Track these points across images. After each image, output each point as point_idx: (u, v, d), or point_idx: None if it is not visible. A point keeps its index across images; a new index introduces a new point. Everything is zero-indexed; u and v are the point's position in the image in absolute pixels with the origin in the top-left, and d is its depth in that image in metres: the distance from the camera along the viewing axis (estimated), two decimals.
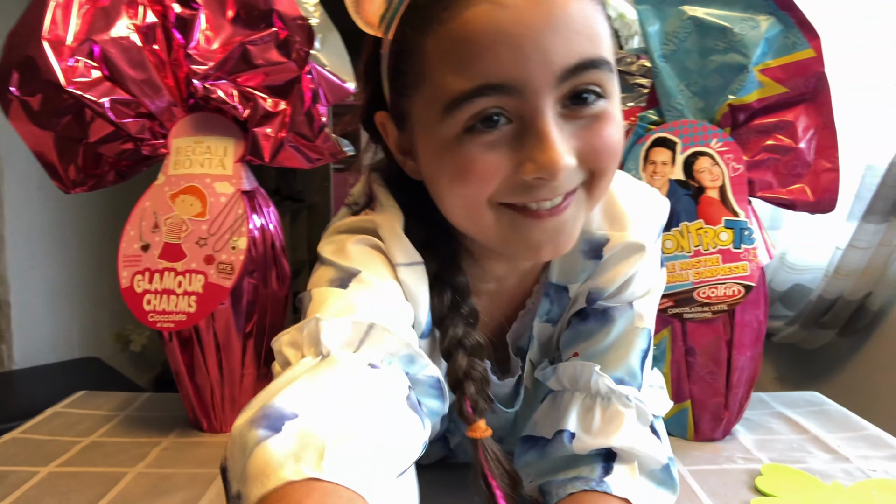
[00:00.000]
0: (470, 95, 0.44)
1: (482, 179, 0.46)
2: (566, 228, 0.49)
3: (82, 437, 0.78)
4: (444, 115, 0.45)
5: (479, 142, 0.45)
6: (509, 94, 0.44)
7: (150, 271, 0.74)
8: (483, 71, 0.43)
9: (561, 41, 0.43)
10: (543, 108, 0.44)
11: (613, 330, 0.57)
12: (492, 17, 0.42)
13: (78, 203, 2.36)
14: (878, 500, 0.61)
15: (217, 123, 0.78)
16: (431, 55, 0.45)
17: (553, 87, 0.44)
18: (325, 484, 0.33)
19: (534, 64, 0.43)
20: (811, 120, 0.72)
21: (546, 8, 0.43)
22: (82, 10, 0.73)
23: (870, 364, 1.55)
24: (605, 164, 0.48)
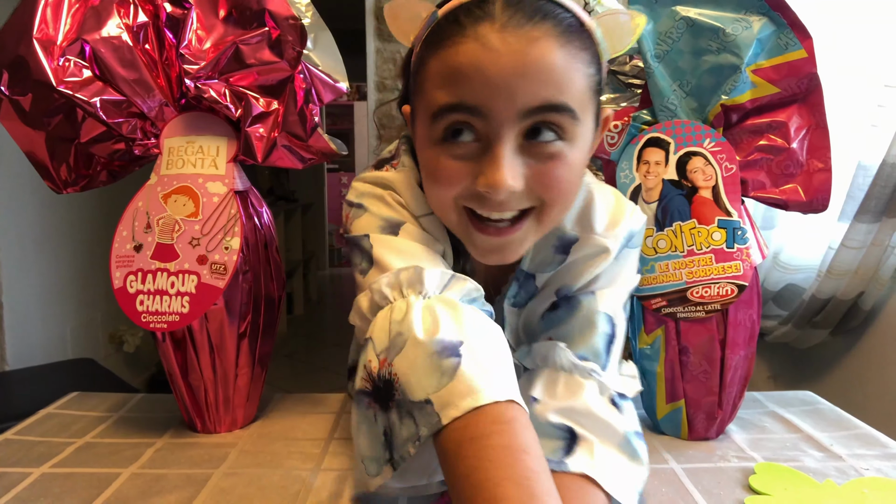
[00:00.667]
0: (448, 109, 0.53)
1: (448, 182, 0.56)
2: (511, 246, 0.58)
3: (76, 438, 0.78)
4: (431, 123, 0.55)
5: (449, 151, 0.55)
6: (477, 115, 0.53)
7: (143, 272, 0.74)
8: (461, 93, 0.52)
9: (528, 84, 0.51)
10: (503, 135, 0.53)
11: (580, 314, 0.64)
12: (476, 54, 0.52)
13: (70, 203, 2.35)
14: (870, 498, 0.61)
15: (209, 123, 0.78)
16: (431, 72, 0.55)
17: (515, 121, 0.52)
18: (515, 405, 0.48)
19: (501, 98, 0.52)
20: (803, 120, 0.72)
21: (521, 56, 0.51)
22: (73, 10, 0.73)
23: (862, 363, 1.56)
24: (552, 198, 0.56)
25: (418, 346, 0.49)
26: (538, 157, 0.54)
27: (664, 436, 0.78)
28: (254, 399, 0.83)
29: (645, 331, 0.77)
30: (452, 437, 0.47)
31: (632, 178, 0.76)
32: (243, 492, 0.64)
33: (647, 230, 0.75)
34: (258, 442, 0.77)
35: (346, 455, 0.73)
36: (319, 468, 0.70)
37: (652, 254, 0.75)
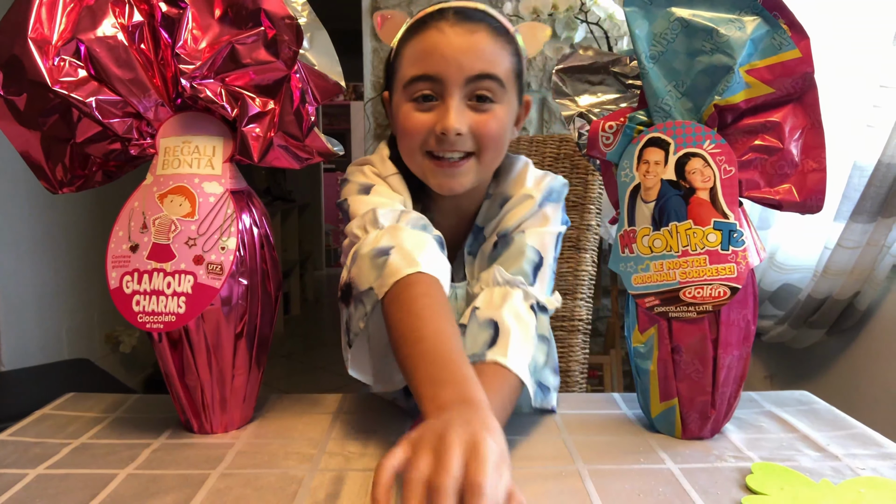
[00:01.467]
0: (416, 79, 0.79)
1: (415, 130, 0.80)
2: (459, 178, 0.82)
3: (71, 439, 0.78)
4: (403, 90, 0.81)
5: (417, 108, 0.80)
6: (435, 81, 0.78)
7: (139, 272, 0.74)
8: (425, 66, 0.79)
9: (469, 59, 0.78)
10: (453, 93, 0.78)
11: (512, 246, 0.84)
12: (435, 39, 0.78)
13: (66, 203, 2.35)
14: (866, 497, 0.62)
15: (205, 123, 0.78)
16: (404, 56, 0.81)
17: (461, 84, 0.78)
18: (423, 274, 0.70)
19: (451, 68, 0.77)
20: (798, 120, 0.72)
21: (465, 40, 0.78)
22: (68, 9, 0.72)
23: (858, 363, 1.57)
24: (486, 143, 0.80)
25: (363, 256, 0.73)
26: (477, 111, 0.80)
27: (660, 435, 0.78)
28: (251, 399, 0.83)
29: (639, 329, 0.77)
30: (386, 305, 0.69)
31: (632, 177, 0.76)
32: (240, 492, 0.64)
33: (644, 229, 0.75)
34: (255, 442, 0.77)
35: (342, 455, 0.73)
36: (316, 468, 0.70)
37: (647, 253, 0.75)
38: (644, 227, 0.75)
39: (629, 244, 0.77)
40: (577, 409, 0.87)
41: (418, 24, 0.80)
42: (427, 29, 0.79)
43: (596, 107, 0.85)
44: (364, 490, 0.64)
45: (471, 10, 0.80)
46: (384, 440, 0.77)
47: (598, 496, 0.63)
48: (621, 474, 0.68)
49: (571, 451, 0.73)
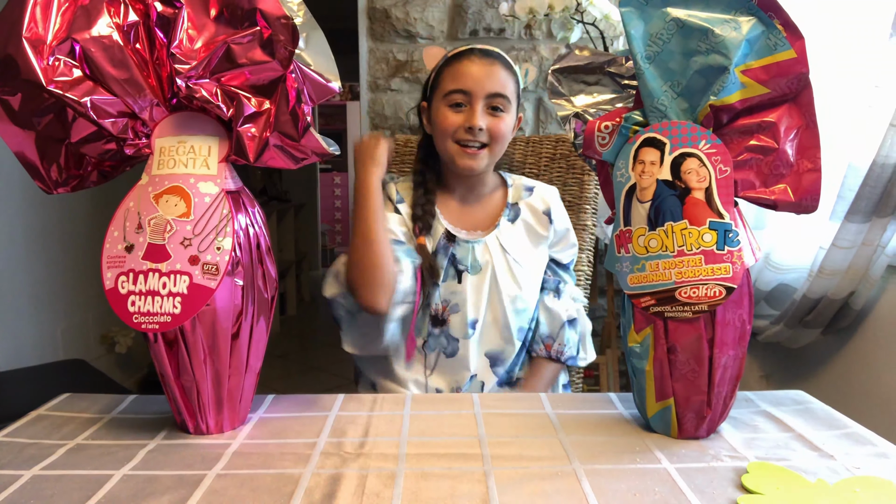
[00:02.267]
0: (452, 91, 1.15)
1: (448, 125, 1.15)
2: (477, 159, 1.16)
3: (67, 439, 0.78)
4: (442, 98, 1.16)
5: (451, 111, 1.15)
6: (466, 94, 1.14)
7: (135, 272, 0.74)
8: (460, 83, 1.15)
9: (490, 82, 1.14)
10: (478, 103, 1.14)
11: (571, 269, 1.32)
12: (468, 66, 1.15)
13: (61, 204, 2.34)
14: (861, 496, 0.62)
15: (201, 123, 0.77)
16: (446, 75, 1.17)
17: (483, 97, 1.14)
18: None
19: (477, 86, 1.14)
20: (793, 120, 0.73)
21: (488, 68, 1.14)
22: (62, 8, 0.72)
23: (853, 362, 1.57)
24: (497, 138, 1.16)
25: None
26: (492, 116, 1.15)
27: (656, 435, 0.78)
28: (246, 400, 0.82)
29: (634, 329, 0.77)
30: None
31: (627, 177, 0.76)
32: (236, 493, 0.64)
33: (640, 229, 0.75)
34: (251, 443, 0.77)
35: (338, 456, 0.73)
36: (312, 469, 0.69)
37: (643, 253, 0.75)
38: (640, 227, 0.75)
39: (625, 244, 0.77)
40: (573, 409, 0.87)
41: (456, 56, 1.17)
42: (462, 59, 1.16)
43: (592, 107, 0.85)
44: (360, 490, 0.64)
45: (490, 50, 1.17)
46: (380, 441, 0.77)
47: (595, 496, 0.63)
48: (617, 474, 0.68)
49: (568, 451, 0.73)
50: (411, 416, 0.84)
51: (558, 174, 1.47)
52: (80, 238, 2.46)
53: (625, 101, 0.83)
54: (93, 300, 2.55)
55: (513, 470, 0.69)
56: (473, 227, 1.22)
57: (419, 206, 1.20)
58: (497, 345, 1.18)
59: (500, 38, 2.25)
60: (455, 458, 0.72)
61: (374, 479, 0.67)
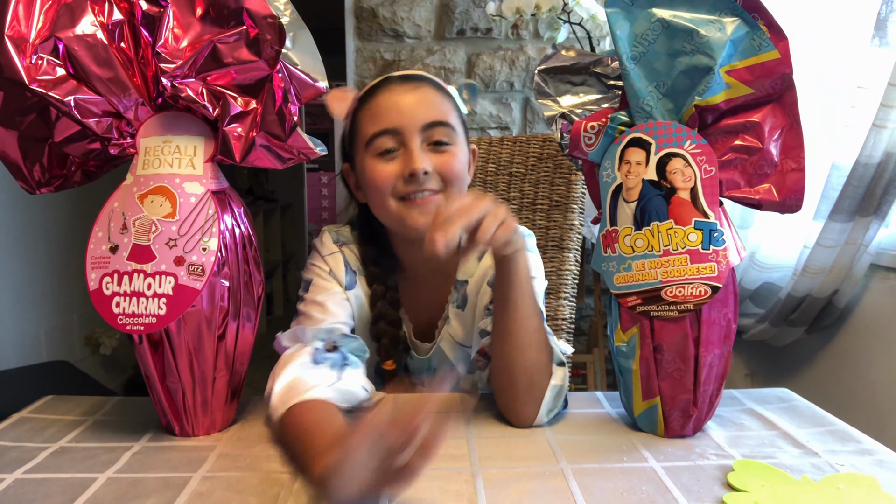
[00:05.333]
0: (376, 135, 0.87)
1: (382, 181, 0.86)
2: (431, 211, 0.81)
3: (50, 442, 0.77)
4: (366, 149, 0.88)
5: (382, 161, 0.87)
6: (396, 134, 0.86)
7: (119, 273, 0.73)
8: (383, 122, 0.87)
9: (422, 109, 0.87)
10: (413, 139, 0.86)
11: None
12: (388, 97, 0.88)
13: (44, 204, 2.31)
14: (845, 493, 0.62)
15: (186, 123, 0.77)
16: (362, 119, 0.89)
17: (418, 131, 0.86)
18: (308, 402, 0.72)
19: (407, 118, 0.86)
20: (777, 120, 0.73)
21: (415, 94, 0.88)
22: (45, 7, 0.71)
23: (837, 360, 1.59)
24: (451, 178, 0.88)
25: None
26: (438, 152, 0.87)
27: (643, 433, 0.79)
28: (232, 402, 0.82)
29: (621, 328, 0.77)
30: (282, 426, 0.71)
31: (613, 178, 0.77)
32: (222, 495, 0.64)
33: (626, 229, 0.75)
34: (237, 445, 0.77)
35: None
36: None
37: (629, 252, 0.75)
38: (626, 226, 0.76)
39: (611, 244, 0.77)
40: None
41: (368, 93, 0.91)
42: (378, 93, 0.89)
43: (578, 107, 0.85)
44: None
45: (412, 74, 0.92)
46: None
47: (582, 495, 0.63)
48: (604, 473, 0.68)
49: (555, 451, 0.74)
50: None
51: (545, 174, 1.47)
52: (63, 238, 2.44)
53: (611, 101, 0.84)
54: (77, 301, 2.52)
55: (500, 470, 0.69)
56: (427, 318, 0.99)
57: (382, 320, 0.94)
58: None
59: (488, 38, 2.26)
60: (442, 458, 0.71)
61: None
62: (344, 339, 0.84)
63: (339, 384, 0.76)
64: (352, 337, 0.86)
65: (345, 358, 0.81)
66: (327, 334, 0.83)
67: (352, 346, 0.84)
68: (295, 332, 0.84)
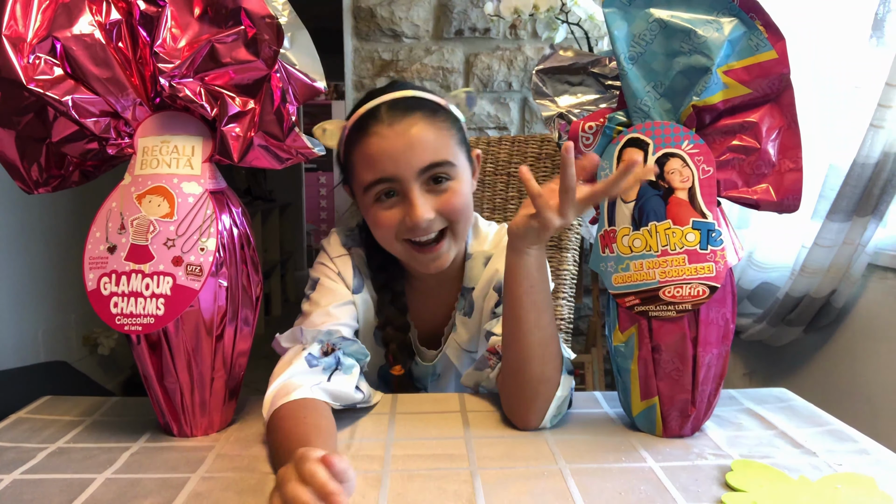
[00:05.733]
0: (374, 183, 0.84)
1: (387, 227, 0.86)
2: (442, 256, 0.88)
3: (48, 443, 0.77)
4: (364, 193, 0.86)
5: (381, 207, 0.86)
6: (392, 181, 0.84)
7: (117, 273, 0.73)
8: (377, 170, 0.84)
9: (417, 154, 0.83)
10: (411, 187, 0.83)
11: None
12: (379, 145, 0.83)
13: (43, 203, 2.31)
14: (843, 493, 0.62)
15: (184, 122, 0.77)
16: (356, 161, 0.87)
17: (416, 176, 0.83)
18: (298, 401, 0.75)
19: (401, 166, 0.83)
20: (775, 120, 0.73)
21: (407, 138, 0.83)
22: (43, 6, 0.71)
23: (835, 360, 1.59)
24: (456, 218, 0.87)
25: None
26: (438, 193, 0.85)
27: (641, 433, 0.79)
28: (231, 402, 0.82)
29: (619, 329, 0.78)
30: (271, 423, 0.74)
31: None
32: (220, 496, 0.64)
33: (624, 229, 0.76)
34: (235, 445, 0.76)
35: None
36: None
37: (627, 252, 0.75)
38: (624, 226, 0.76)
39: (609, 244, 0.77)
40: None
41: (358, 129, 0.86)
42: (368, 136, 0.84)
43: (576, 107, 0.85)
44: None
45: (401, 103, 0.85)
46: (365, 442, 0.77)
47: (581, 495, 0.63)
48: (603, 473, 0.68)
49: (553, 451, 0.74)
50: (397, 416, 0.84)
51: (544, 174, 1.47)
52: (61, 239, 2.43)
53: (608, 101, 0.84)
54: (75, 301, 2.52)
55: (499, 470, 0.69)
56: (433, 324, 1.01)
57: (391, 326, 0.95)
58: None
59: (486, 38, 2.26)
60: (441, 458, 0.72)
61: (360, 480, 0.67)
62: (343, 343, 0.84)
63: (328, 385, 0.78)
64: (351, 340, 0.86)
65: (338, 361, 0.82)
66: (326, 336, 0.84)
67: (351, 349, 0.84)
68: (294, 332, 0.84)
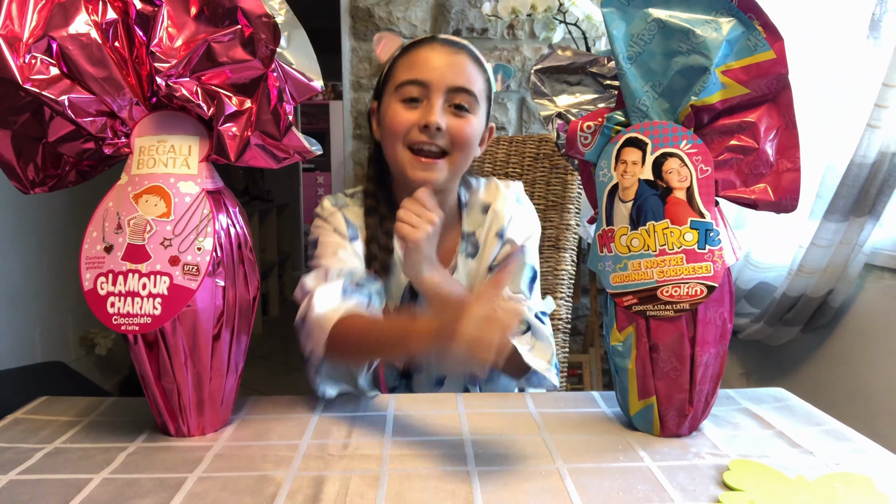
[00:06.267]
0: (406, 83, 0.96)
1: (400, 125, 0.95)
2: (436, 171, 0.96)
3: (45, 443, 0.76)
4: (394, 93, 0.97)
5: (403, 107, 0.96)
6: (423, 86, 0.95)
7: (114, 273, 0.73)
8: (415, 73, 0.96)
9: (452, 73, 0.95)
10: (436, 96, 0.95)
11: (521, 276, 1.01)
12: (426, 53, 0.97)
13: (39, 203, 2.31)
14: (840, 492, 0.62)
15: (181, 122, 0.77)
16: (399, 65, 0.99)
17: (443, 91, 0.95)
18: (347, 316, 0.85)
19: (436, 76, 0.95)
20: (773, 121, 0.73)
21: (449, 57, 0.97)
22: (39, 6, 0.71)
23: (832, 360, 1.59)
24: (460, 143, 0.96)
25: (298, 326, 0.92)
26: (455, 115, 0.96)
27: (638, 433, 0.79)
28: (228, 402, 0.82)
29: (617, 328, 0.78)
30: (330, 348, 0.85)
31: (610, 177, 0.77)
32: (217, 496, 0.64)
33: (622, 229, 0.76)
34: (233, 445, 0.76)
35: (321, 458, 0.72)
36: (295, 471, 0.69)
37: (625, 252, 0.75)
38: (622, 226, 0.76)
39: (607, 243, 0.77)
40: (556, 408, 0.87)
41: (412, 45, 1.00)
42: (420, 47, 0.98)
43: (574, 107, 0.85)
44: (343, 492, 0.64)
45: (455, 40, 1.00)
46: (363, 442, 0.76)
47: (578, 495, 0.63)
48: (601, 472, 0.68)
49: (551, 450, 0.74)
50: (395, 416, 0.84)
51: (541, 174, 1.47)
52: (58, 238, 2.43)
53: (607, 101, 0.84)
54: (72, 301, 2.51)
55: (497, 470, 0.69)
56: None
57: (374, 243, 1.01)
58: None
59: (483, 38, 2.25)
60: (439, 458, 0.72)
61: (358, 480, 0.66)
62: (366, 280, 0.95)
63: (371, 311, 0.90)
64: (373, 278, 0.96)
65: (370, 297, 0.93)
66: (349, 275, 0.93)
67: (375, 286, 0.95)
68: (318, 272, 0.92)
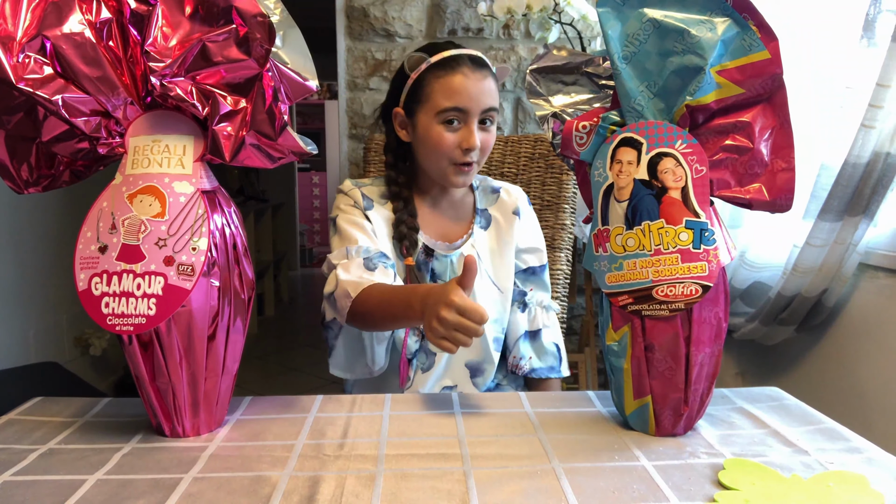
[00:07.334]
0: (448, 109, 1.10)
1: (446, 146, 1.11)
2: (469, 175, 1.15)
3: (39, 444, 0.76)
4: (436, 116, 1.11)
5: (447, 130, 1.11)
6: (461, 112, 1.10)
7: (108, 273, 0.72)
8: (456, 101, 1.10)
9: (485, 98, 1.11)
10: (473, 121, 1.11)
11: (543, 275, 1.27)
12: (462, 82, 1.10)
13: (33, 203, 2.30)
14: (835, 491, 0.63)
15: (175, 122, 0.76)
16: (435, 90, 1.11)
17: (477, 114, 1.11)
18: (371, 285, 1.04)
19: (473, 104, 1.10)
20: (768, 120, 0.74)
21: (482, 84, 1.11)
22: (32, 5, 0.71)
23: (826, 359, 1.60)
24: (486, 150, 1.14)
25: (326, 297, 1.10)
26: (484, 130, 1.13)
27: (634, 432, 0.79)
28: (223, 402, 0.82)
29: (612, 328, 0.78)
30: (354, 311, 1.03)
31: (605, 177, 0.77)
32: (213, 496, 0.64)
33: (617, 228, 0.76)
34: (228, 445, 0.76)
35: (317, 458, 0.72)
36: (290, 471, 0.69)
37: (620, 252, 0.75)
38: (617, 226, 0.76)
39: (603, 243, 0.77)
40: (552, 408, 0.87)
41: (443, 66, 1.11)
42: (454, 73, 1.10)
43: (569, 107, 0.85)
44: (339, 492, 0.64)
45: (479, 59, 1.13)
46: (359, 442, 0.76)
47: (574, 494, 0.63)
48: (596, 472, 0.68)
49: (547, 450, 0.74)
50: (391, 416, 0.84)
51: (537, 174, 1.47)
52: (52, 239, 2.42)
53: (602, 101, 0.84)
54: (66, 302, 2.50)
55: (492, 469, 0.69)
56: (446, 235, 1.21)
57: (402, 224, 1.16)
58: (476, 355, 1.19)
59: (479, 38, 2.26)
60: (435, 458, 0.72)
61: (354, 480, 0.66)
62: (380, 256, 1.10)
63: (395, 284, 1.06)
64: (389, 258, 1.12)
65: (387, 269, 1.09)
66: (366, 253, 1.09)
67: (390, 264, 1.10)
68: (341, 251, 1.10)
